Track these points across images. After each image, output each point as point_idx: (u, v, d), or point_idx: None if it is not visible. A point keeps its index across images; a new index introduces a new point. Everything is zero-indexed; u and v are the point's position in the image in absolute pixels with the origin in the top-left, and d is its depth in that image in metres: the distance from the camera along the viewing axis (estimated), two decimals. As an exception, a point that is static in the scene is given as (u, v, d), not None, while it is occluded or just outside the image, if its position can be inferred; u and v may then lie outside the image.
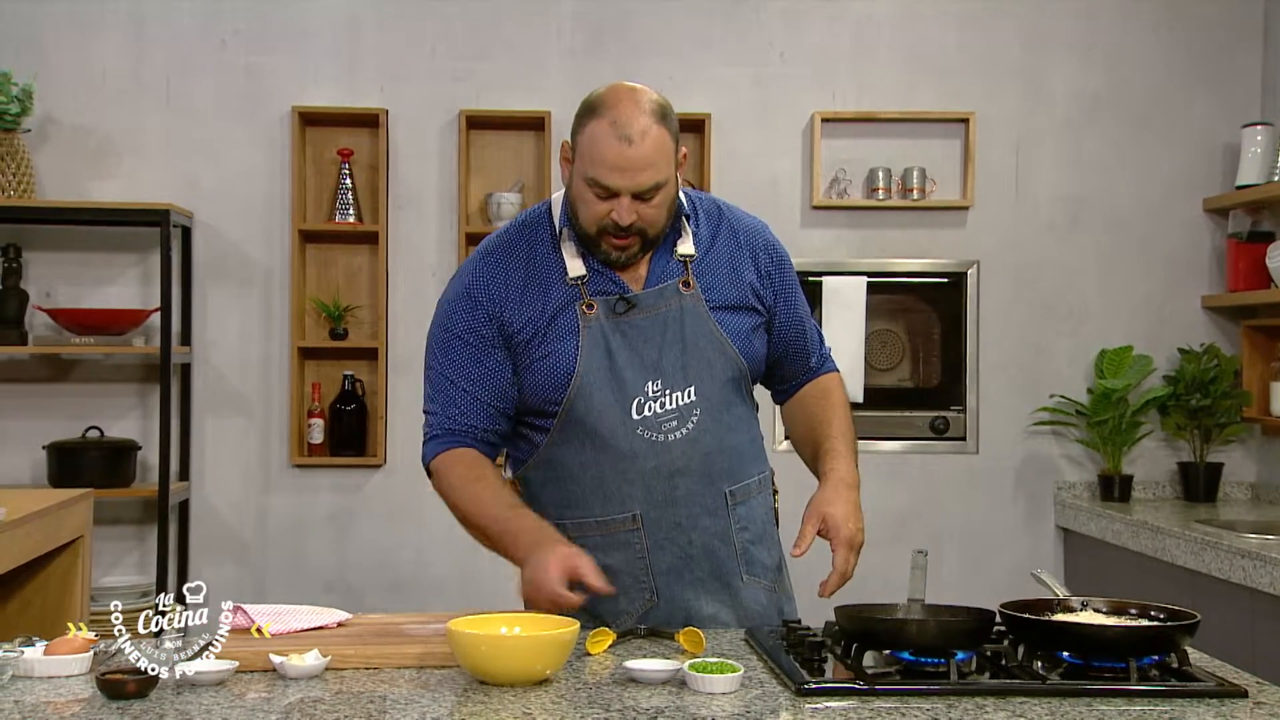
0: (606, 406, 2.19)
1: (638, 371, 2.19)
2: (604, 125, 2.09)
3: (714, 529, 2.27)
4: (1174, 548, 3.86)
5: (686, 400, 2.20)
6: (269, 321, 4.70)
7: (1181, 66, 4.85)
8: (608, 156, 2.09)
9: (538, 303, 2.20)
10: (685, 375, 2.20)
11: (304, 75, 4.70)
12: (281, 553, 4.70)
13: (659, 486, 2.22)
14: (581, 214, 2.16)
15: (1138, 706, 1.79)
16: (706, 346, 2.22)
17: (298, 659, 1.91)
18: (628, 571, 2.25)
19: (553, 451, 2.26)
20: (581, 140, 2.13)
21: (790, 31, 4.81)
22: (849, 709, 1.78)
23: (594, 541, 2.25)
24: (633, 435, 2.19)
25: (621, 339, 2.19)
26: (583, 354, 2.18)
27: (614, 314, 2.19)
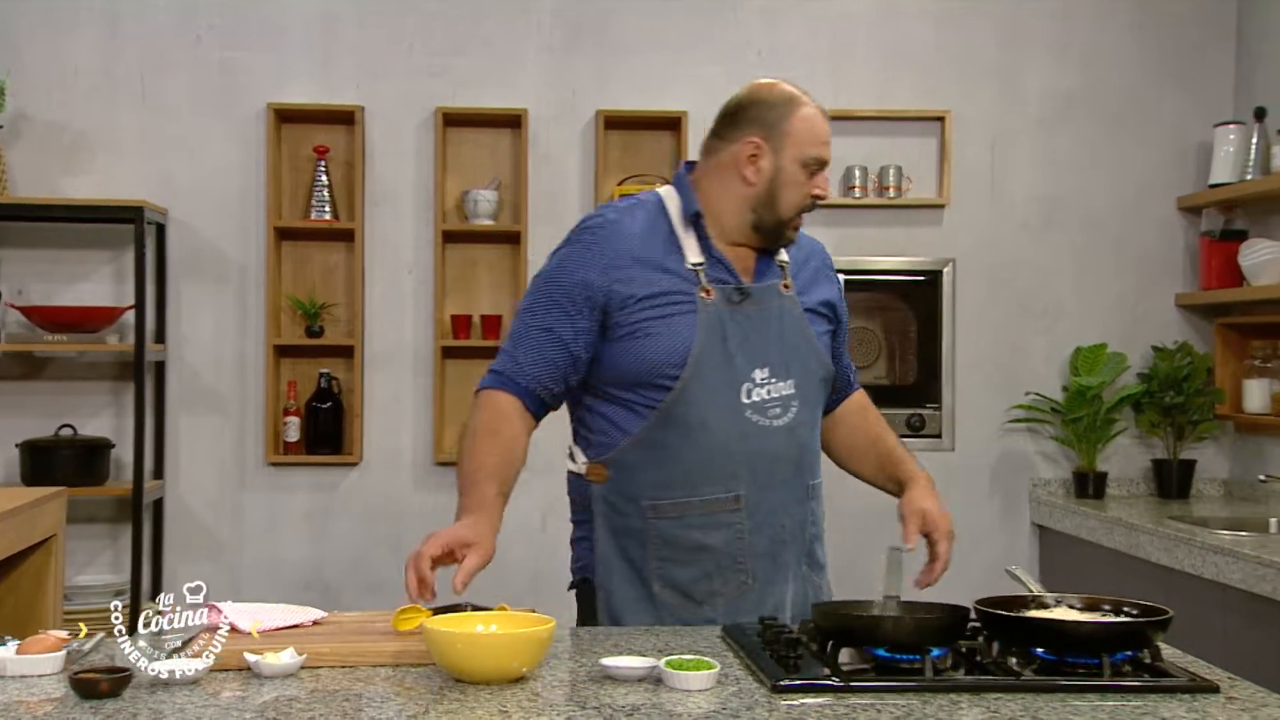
0: (720, 387, 2.27)
1: (748, 358, 2.29)
2: (811, 110, 2.32)
3: (799, 517, 2.37)
4: (1147, 544, 3.88)
5: (788, 391, 2.32)
6: (244, 319, 4.68)
7: (1155, 65, 4.88)
8: (822, 133, 2.32)
9: (654, 279, 2.28)
10: (788, 368, 2.33)
11: (280, 72, 4.68)
12: (257, 551, 4.68)
13: (762, 469, 2.30)
14: (788, 197, 2.31)
15: (1111, 702, 1.80)
16: (802, 345, 2.35)
17: (273, 657, 1.90)
18: (726, 552, 2.32)
19: (655, 433, 2.30)
20: (794, 127, 2.30)
21: (768, 30, 4.82)
22: (824, 706, 1.78)
23: (695, 522, 2.31)
24: (741, 417, 2.28)
25: (735, 326, 2.29)
26: (700, 334, 2.26)
27: (729, 302, 2.30)
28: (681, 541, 2.31)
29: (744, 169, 2.32)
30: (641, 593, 2.34)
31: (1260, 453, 4.63)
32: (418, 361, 4.73)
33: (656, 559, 2.33)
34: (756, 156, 2.31)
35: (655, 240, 2.31)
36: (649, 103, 4.76)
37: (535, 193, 4.73)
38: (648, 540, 2.33)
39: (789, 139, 2.30)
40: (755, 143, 2.31)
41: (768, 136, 2.31)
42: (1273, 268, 4.35)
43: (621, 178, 4.76)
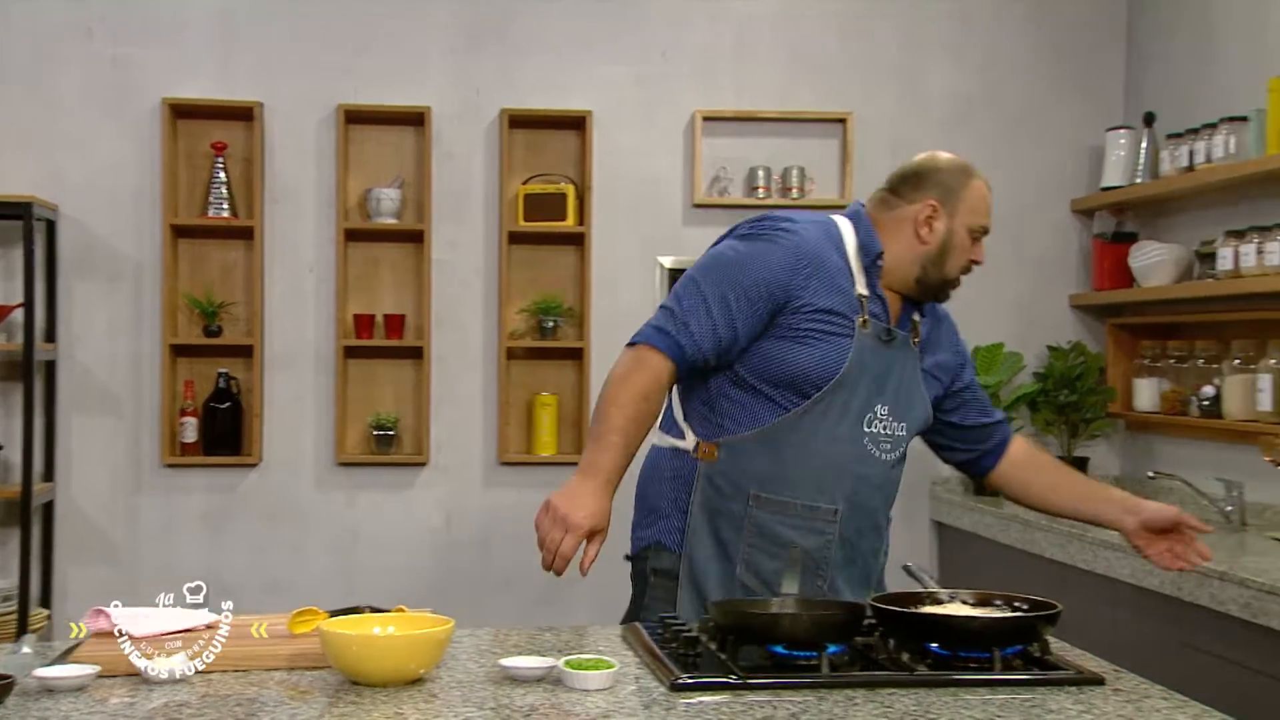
0: (851, 410, 2.43)
1: (876, 392, 2.45)
2: (981, 183, 2.54)
3: (874, 543, 2.54)
4: (1041, 540, 3.96)
5: (901, 432, 2.50)
6: (139, 318, 4.58)
7: (1050, 70, 4.98)
8: (990, 205, 2.55)
9: (829, 296, 2.42)
10: (903, 412, 2.50)
11: (175, 67, 4.59)
12: (153, 554, 4.59)
13: (863, 493, 2.46)
14: (954, 259, 2.50)
15: (1000, 695, 1.84)
16: (915, 396, 2.53)
17: (163, 662, 1.86)
18: (812, 556, 2.43)
19: (781, 432, 2.42)
20: (968, 197, 2.51)
21: (672, 30, 4.83)
22: (721, 703, 1.79)
23: (793, 521, 2.43)
24: (860, 444, 2.45)
25: (875, 361, 2.45)
26: (852, 358, 2.41)
27: (878, 339, 2.46)
28: (776, 536, 2.43)
29: (920, 228, 2.49)
30: (725, 570, 2.44)
31: (1150, 450, 4.75)
32: (319, 361, 4.67)
33: (747, 545, 2.44)
34: (933, 219, 2.49)
35: (835, 261, 2.46)
36: (553, 102, 4.75)
37: (439, 191, 4.70)
38: (744, 526, 2.44)
39: (963, 206, 2.50)
40: (933, 205, 2.49)
41: (944, 201, 2.50)
42: (1161, 269, 4.46)
43: (526, 176, 4.74)
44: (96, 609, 2.07)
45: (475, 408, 4.76)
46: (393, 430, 4.66)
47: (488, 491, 4.76)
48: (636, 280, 4.80)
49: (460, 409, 4.73)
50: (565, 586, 4.73)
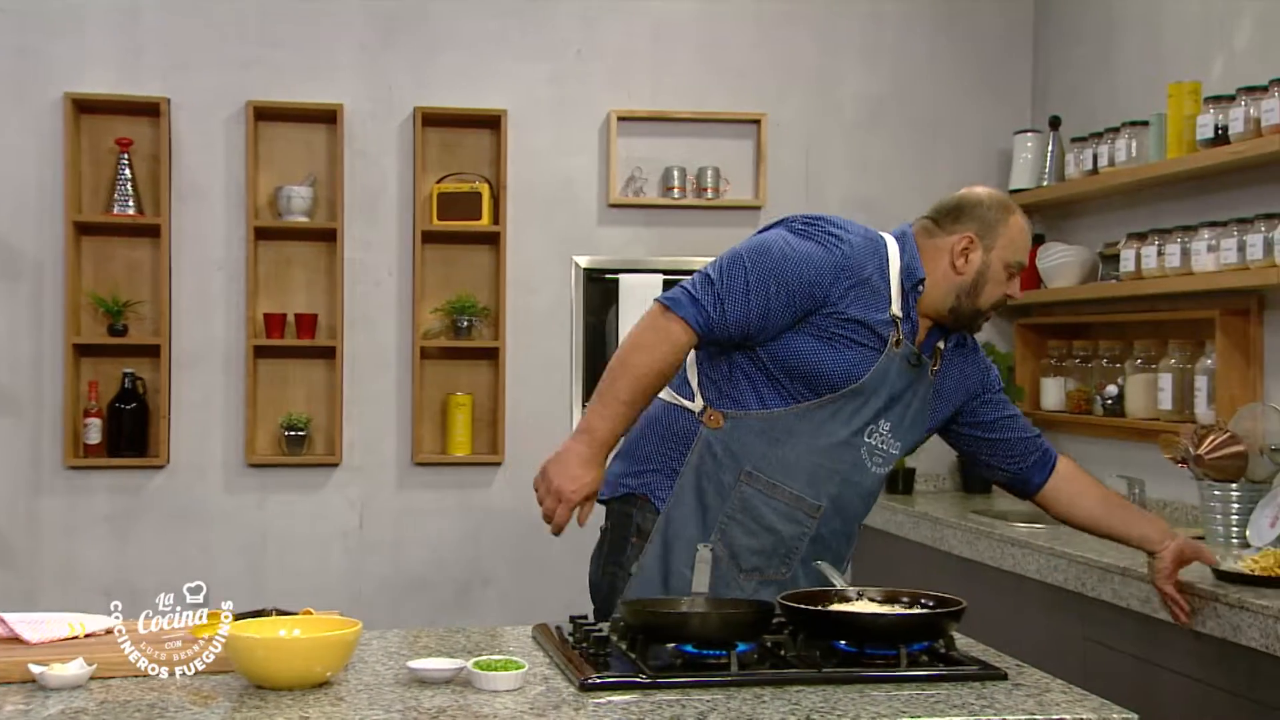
0: (858, 417, 2.49)
1: (885, 408, 2.52)
2: (1022, 220, 2.59)
3: (843, 551, 2.60)
4: (951, 537, 4.02)
5: (895, 450, 2.57)
6: (40, 317, 4.48)
7: (960, 73, 5.05)
8: (1028, 243, 2.60)
9: (866, 309, 2.47)
10: (903, 432, 2.57)
11: (79, 60, 4.50)
12: (54, 557, 4.49)
13: (847, 496, 2.52)
14: (988, 292, 2.55)
15: (906, 691, 1.86)
16: (918, 422, 2.60)
17: (59, 668, 1.82)
18: (789, 543, 2.49)
19: (788, 420, 2.47)
20: (1008, 232, 2.55)
21: (587, 29, 4.83)
22: (631, 703, 1.79)
23: (777, 506, 2.48)
24: (857, 451, 2.51)
25: (894, 380, 2.51)
26: (876, 370, 2.47)
27: (905, 361, 2.51)
28: (758, 515, 2.48)
29: (956, 259, 2.54)
30: (698, 534, 2.47)
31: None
32: (229, 361, 4.60)
33: (727, 516, 2.48)
34: (969, 250, 2.54)
35: (879, 278, 2.50)
36: (468, 100, 4.72)
37: (351, 190, 4.65)
38: (730, 497, 2.48)
39: (1000, 240, 2.55)
40: (970, 238, 2.54)
41: (982, 235, 2.55)
42: (1067, 270, 4.54)
43: (440, 175, 4.71)
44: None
45: (389, 408, 4.71)
46: (304, 431, 4.61)
47: (401, 492, 4.73)
48: (552, 280, 4.79)
49: (374, 409, 4.69)
50: (478, 588, 4.73)
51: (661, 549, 2.48)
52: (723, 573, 2.45)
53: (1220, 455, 3.40)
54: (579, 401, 4.76)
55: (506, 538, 4.73)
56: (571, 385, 4.79)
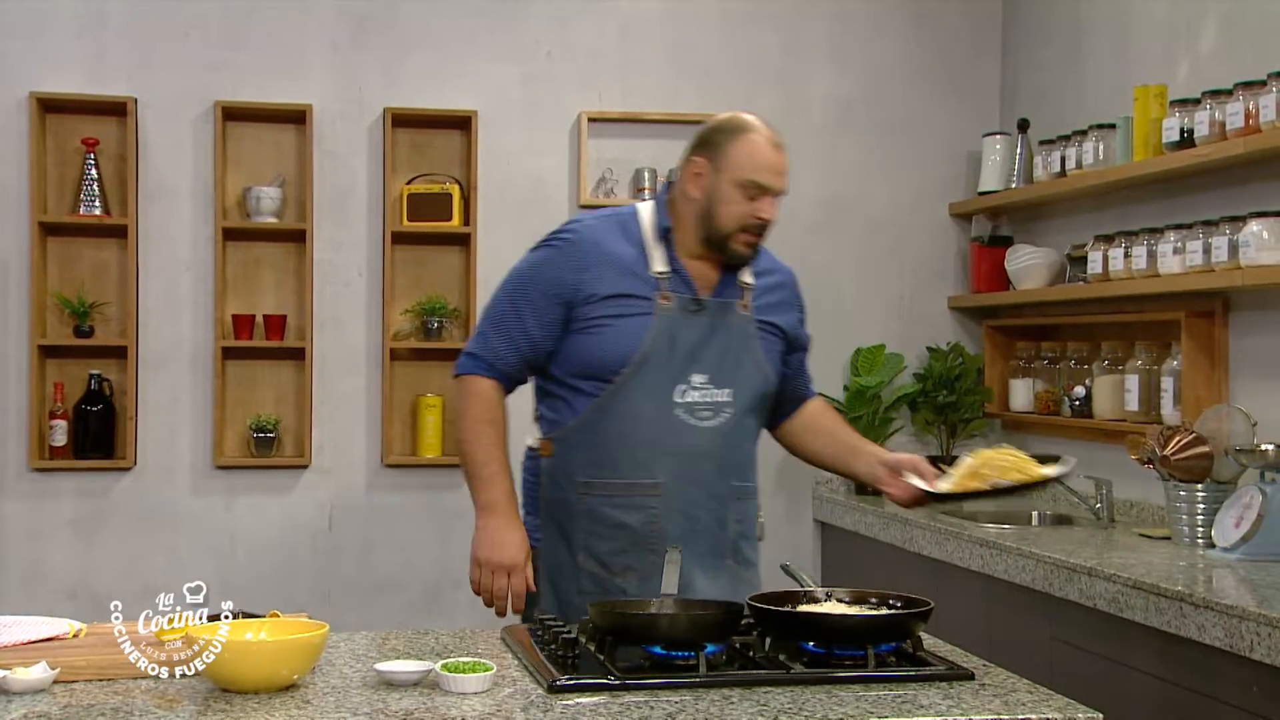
0: (656, 385, 2.51)
1: (689, 363, 2.52)
2: (759, 138, 2.54)
3: (717, 513, 2.57)
4: (920, 538, 4.03)
5: (723, 399, 2.54)
6: (5, 318, 4.44)
7: (929, 75, 5.07)
8: (768, 161, 2.53)
9: (619, 281, 2.53)
10: (727, 378, 2.55)
11: (44, 60, 4.46)
12: (18, 561, 4.44)
13: (683, 463, 2.52)
14: (723, 215, 2.52)
15: (874, 692, 1.86)
16: (747, 360, 2.58)
17: (22, 672, 1.81)
18: (640, 532, 2.52)
19: (594, 417, 2.53)
20: (735, 151, 2.53)
21: (557, 30, 4.82)
22: (599, 704, 1.79)
23: (618, 502, 2.53)
24: (671, 415, 2.51)
25: (685, 333, 2.53)
26: (651, 335, 2.50)
27: (685, 311, 2.53)
28: (605, 519, 2.53)
29: (688, 185, 2.56)
30: (569, 560, 2.55)
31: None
32: (196, 362, 4.57)
33: (583, 531, 2.55)
34: (700, 175, 2.55)
35: (625, 247, 2.56)
36: (438, 101, 4.71)
37: (321, 190, 4.63)
38: (576, 514, 2.56)
39: (728, 160, 2.53)
40: (699, 161, 2.56)
41: (710, 157, 2.55)
42: (1035, 272, 4.57)
43: (411, 176, 4.70)
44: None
45: (358, 409, 4.70)
46: (273, 432, 4.58)
47: (371, 494, 4.71)
48: (522, 281, 4.78)
49: (343, 411, 4.67)
50: (448, 589, 4.71)
51: (549, 587, 2.56)
52: (602, 583, 2.52)
53: (1186, 456, 3.43)
54: (549, 403, 4.75)
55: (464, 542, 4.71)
56: (542, 386, 4.77)
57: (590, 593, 2.49)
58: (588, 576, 2.53)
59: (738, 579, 2.59)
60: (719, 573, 2.57)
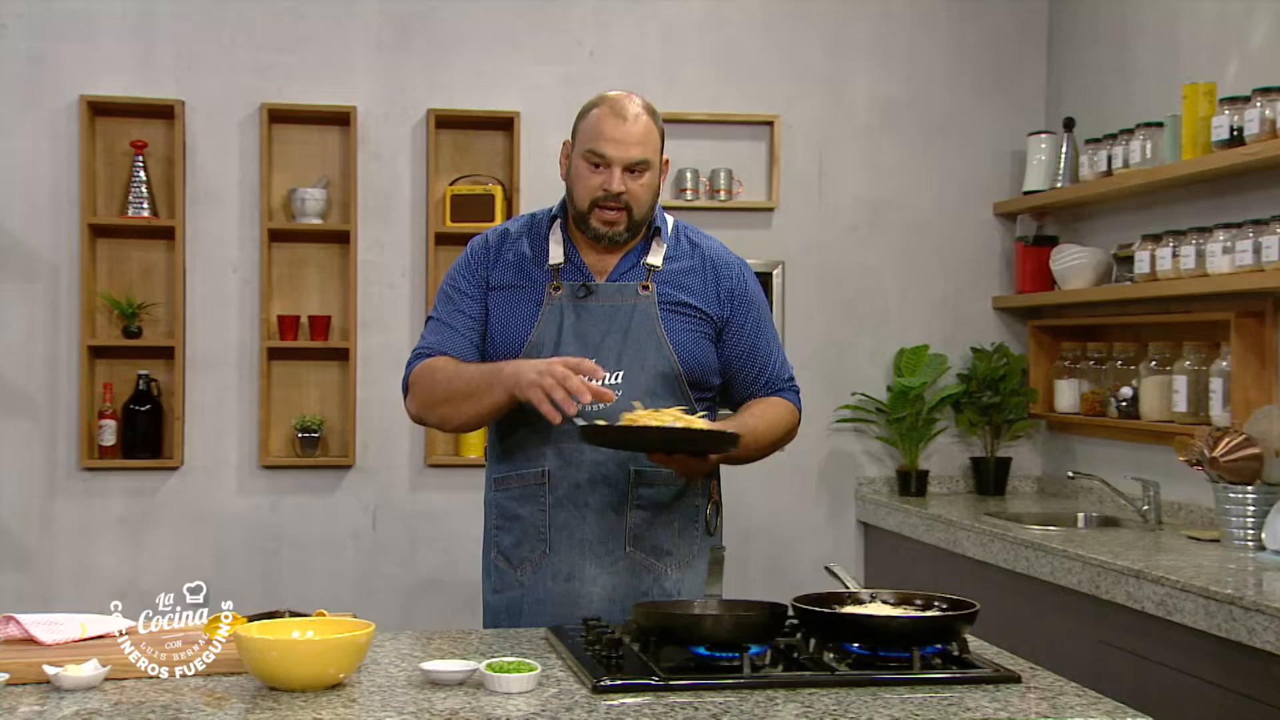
0: None
1: (577, 349, 2.46)
2: (604, 109, 2.48)
3: (610, 498, 2.48)
4: (964, 540, 4.01)
5: (612, 383, 2.46)
6: (56, 319, 4.50)
7: (974, 74, 5.04)
8: (605, 130, 2.45)
9: (517, 276, 2.54)
10: (618, 361, 2.48)
11: (94, 64, 4.51)
12: (69, 559, 4.50)
13: (568, 449, 2.47)
14: (577, 190, 2.49)
15: (920, 694, 1.85)
16: (646, 342, 2.49)
17: (74, 669, 1.83)
18: (532, 523, 2.50)
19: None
20: (583, 125, 2.50)
21: (599, 31, 4.83)
22: (644, 705, 1.79)
23: (513, 494, 2.53)
24: None
25: (574, 319, 2.49)
26: (538, 325, 2.49)
27: (574, 297, 2.50)
28: (505, 511, 2.54)
29: (560, 168, 2.56)
30: (486, 559, 2.58)
31: (1070, 450, 4.82)
32: (242, 363, 4.62)
33: (493, 528, 2.57)
34: (565, 157, 2.55)
35: (527, 242, 2.56)
36: (480, 102, 4.73)
37: (365, 192, 4.66)
38: (490, 511, 2.59)
39: (578, 135, 2.52)
40: (565, 143, 2.56)
41: (572, 138, 2.54)
42: (1081, 272, 4.53)
43: (454, 177, 4.72)
44: (5, 616, 2.03)
45: (402, 409, 4.70)
46: (318, 432, 4.62)
47: (414, 494, 4.73)
48: (564, 282, 4.79)
49: (387, 411, 4.69)
50: (492, 589, 4.72)
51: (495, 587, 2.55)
52: (505, 578, 2.52)
53: (1235, 458, 3.39)
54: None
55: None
56: (584, 387, 4.78)
57: (499, 590, 2.52)
58: (496, 573, 2.54)
59: (643, 569, 2.48)
60: (616, 561, 2.47)
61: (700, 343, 2.54)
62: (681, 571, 2.53)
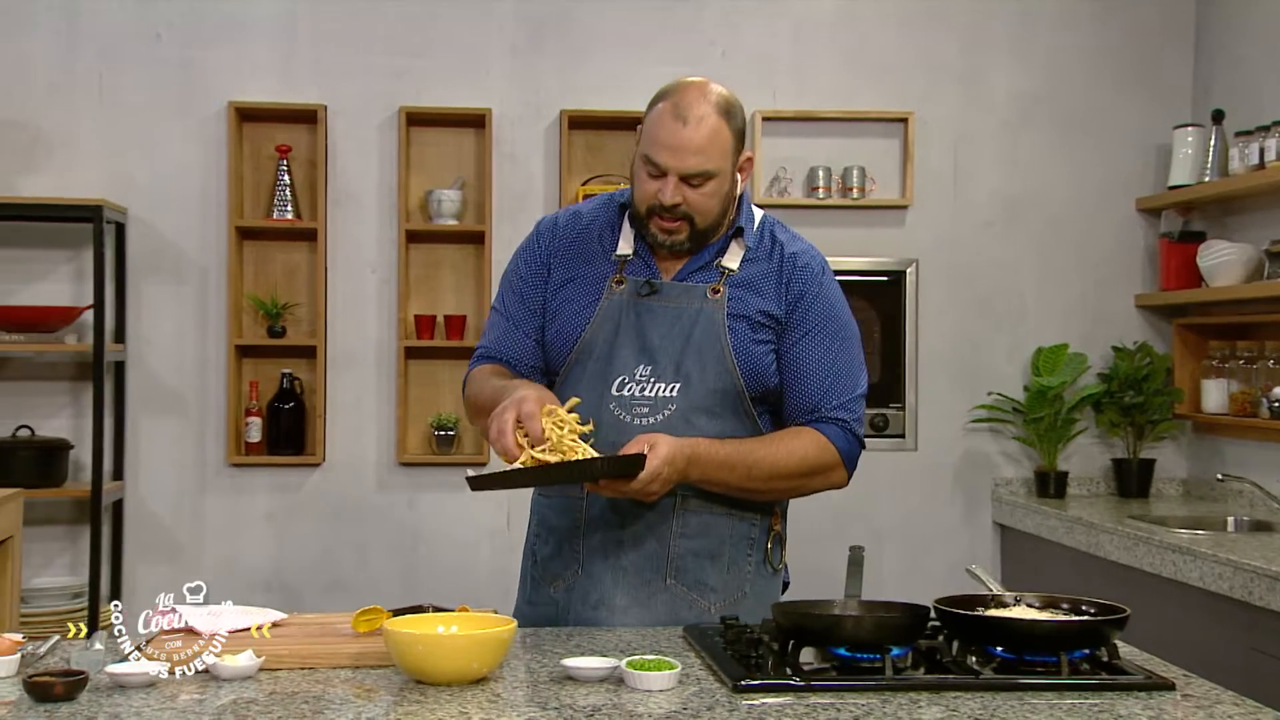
0: (595, 375, 2.28)
1: (634, 352, 2.26)
2: (666, 106, 2.22)
3: (650, 522, 2.28)
4: (1107, 543, 3.91)
5: (667, 394, 2.25)
6: (205, 319, 4.65)
7: (1116, 68, 4.92)
8: (661, 135, 2.20)
9: (582, 266, 2.34)
10: (677, 371, 2.26)
11: (241, 70, 4.65)
12: (217, 553, 4.65)
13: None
14: (637, 193, 2.27)
15: (1068, 700, 1.81)
16: (708, 352, 2.26)
17: (230, 659, 1.88)
18: (567, 539, 2.34)
19: None
20: (647, 121, 2.25)
21: (730, 30, 4.83)
22: (785, 705, 1.78)
23: (554, 503, 2.37)
24: (603, 408, 2.26)
25: (635, 319, 2.28)
26: (595, 321, 2.29)
27: (637, 294, 2.29)
28: (545, 519, 2.40)
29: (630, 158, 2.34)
30: (533, 567, 2.43)
31: (1218, 452, 4.67)
32: (381, 361, 4.71)
33: (533, 533, 2.44)
34: (634, 153, 2.30)
35: (596, 230, 2.36)
36: (613, 102, 4.75)
37: (499, 193, 4.72)
38: (533, 511, 2.46)
39: (642, 134, 2.27)
40: (637, 132, 2.31)
41: (640, 130, 2.29)
42: (1230, 269, 4.39)
43: (586, 178, 4.75)
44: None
45: (535, 408, 4.76)
46: (453, 430, 4.69)
47: (548, 492, 4.77)
48: (696, 281, 4.79)
49: (520, 409, 4.73)
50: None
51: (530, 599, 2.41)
52: (541, 591, 2.38)
53: (1398, 461, 3.25)
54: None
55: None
56: (716, 386, 4.78)
57: (534, 603, 2.38)
58: (532, 584, 2.39)
59: (683, 604, 2.30)
60: (654, 594, 2.28)
61: (770, 355, 2.31)
62: (727, 610, 2.32)
